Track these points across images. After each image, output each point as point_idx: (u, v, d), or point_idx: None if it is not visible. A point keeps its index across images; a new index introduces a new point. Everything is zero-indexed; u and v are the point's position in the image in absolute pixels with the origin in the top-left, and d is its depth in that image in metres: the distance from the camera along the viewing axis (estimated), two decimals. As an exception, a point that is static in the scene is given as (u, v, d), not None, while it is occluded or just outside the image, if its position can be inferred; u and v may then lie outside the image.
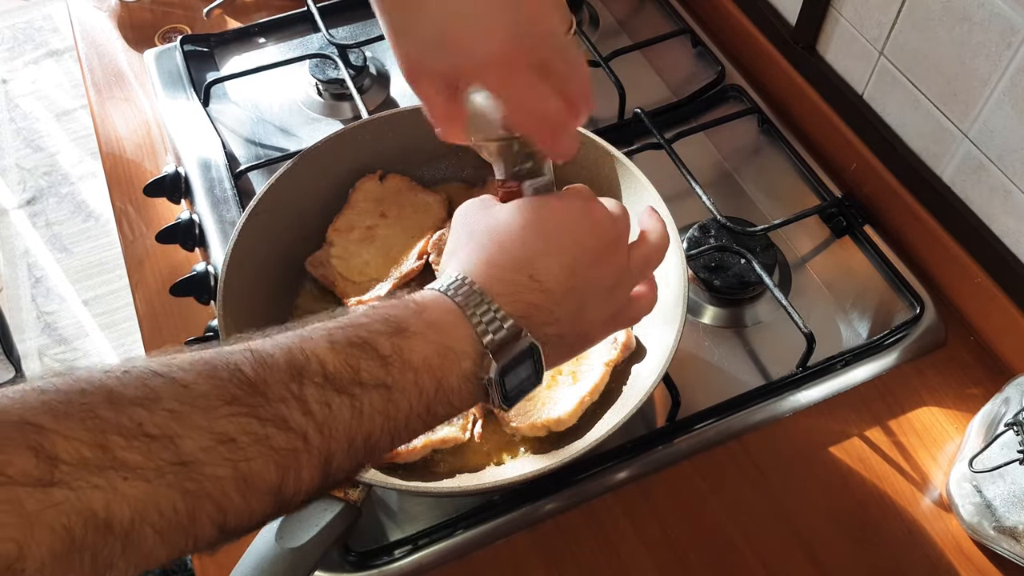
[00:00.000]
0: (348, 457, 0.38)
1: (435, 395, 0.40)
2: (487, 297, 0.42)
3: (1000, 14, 0.63)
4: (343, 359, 0.37)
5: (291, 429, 0.35)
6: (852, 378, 0.72)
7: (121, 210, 0.88)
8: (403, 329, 0.40)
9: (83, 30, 1.04)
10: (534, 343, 0.43)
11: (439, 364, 0.40)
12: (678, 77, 0.96)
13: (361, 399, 0.37)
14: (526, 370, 0.43)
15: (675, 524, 0.65)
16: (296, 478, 0.36)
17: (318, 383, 0.36)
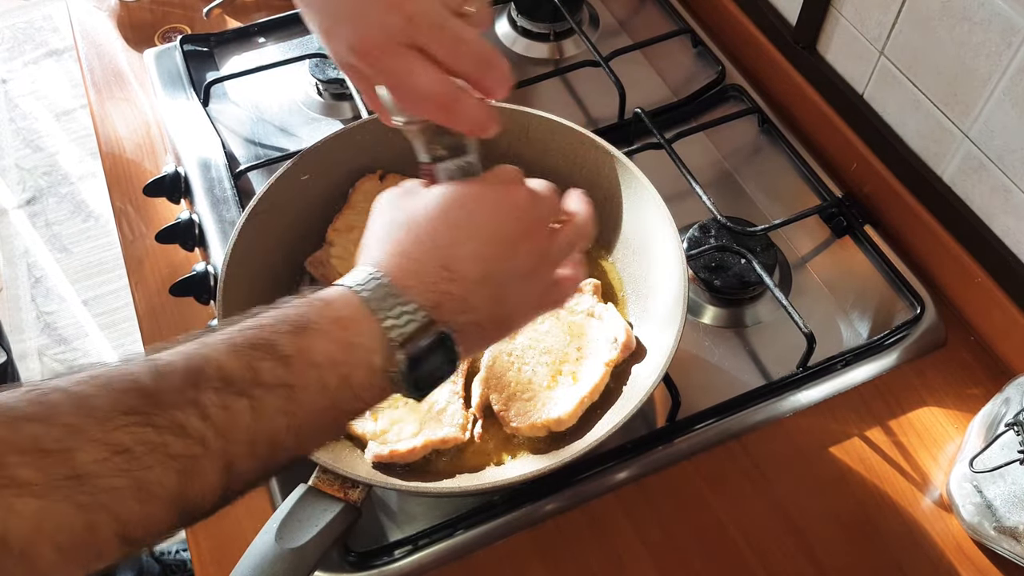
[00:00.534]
0: (251, 459, 0.37)
1: (341, 391, 0.40)
2: (395, 289, 0.42)
3: (1000, 14, 0.63)
4: (243, 361, 0.37)
5: (188, 435, 0.35)
6: (852, 378, 0.72)
7: (121, 210, 0.88)
8: (305, 327, 0.39)
9: (83, 30, 1.04)
10: (445, 332, 0.43)
11: (344, 360, 0.40)
12: (678, 77, 0.96)
13: (262, 400, 0.37)
14: (438, 360, 0.43)
15: (675, 524, 0.65)
16: (199, 483, 0.36)
17: (216, 387, 0.36)
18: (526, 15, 1.01)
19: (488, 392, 0.65)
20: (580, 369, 0.65)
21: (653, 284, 0.68)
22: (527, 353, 0.66)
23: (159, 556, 1.42)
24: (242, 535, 0.64)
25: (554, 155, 0.75)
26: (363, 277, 0.43)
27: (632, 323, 0.69)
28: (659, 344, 0.64)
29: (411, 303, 0.42)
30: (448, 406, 0.64)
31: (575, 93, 0.96)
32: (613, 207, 0.72)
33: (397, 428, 0.63)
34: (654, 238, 0.68)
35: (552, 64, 0.99)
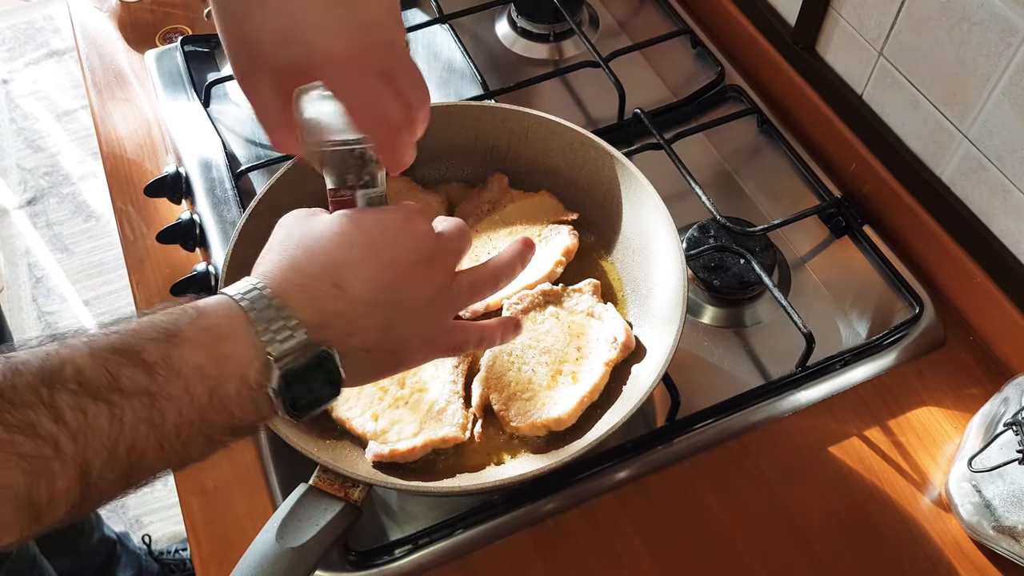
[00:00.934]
0: (110, 466, 0.36)
1: (209, 403, 0.38)
2: (277, 302, 0.41)
3: (999, 14, 0.64)
4: (102, 365, 0.36)
5: (39, 436, 0.34)
6: (851, 378, 0.72)
7: (122, 210, 0.88)
8: (174, 335, 0.38)
9: (84, 31, 1.04)
10: (327, 352, 0.41)
11: (213, 372, 0.38)
12: (678, 77, 0.96)
13: (121, 407, 0.36)
14: (317, 381, 0.41)
15: (675, 524, 0.65)
16: (48, 486, 0.34)
17: (72, 389, 0.35)
18: (526, 16, 1.01)
19: (488, 392, 0.65)
20: (580, 369, 0.65)
21: (653, 284, 0.68)
22: (527, 353, 0.67)
23: (158, 555, 1.42)
24: (243, 534, 0.64)
25: (554, 155, 0.75)
26: (245, 287, 0.42)
27: (632, 323, 0.69)
28: (659, 344, 0.64)
29: (293, 318, 0.41)
30: (448, 406, 0.64)
31: (575, 94, 0.96)
32: (613, 207, 0.73)
33: (397, 428, 0.63)
34: (654, 238, 0.69)
35: (552, 65, 0.99)
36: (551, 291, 0.70)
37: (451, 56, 0.99)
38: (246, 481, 0.68)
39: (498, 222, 0.75)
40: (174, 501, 1.63)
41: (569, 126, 0.73)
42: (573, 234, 0.73)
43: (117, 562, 1.31)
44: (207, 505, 0.67)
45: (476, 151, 0.77)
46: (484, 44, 1.02)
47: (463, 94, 0.94)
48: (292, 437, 0.57)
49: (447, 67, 0.99)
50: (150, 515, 1.60)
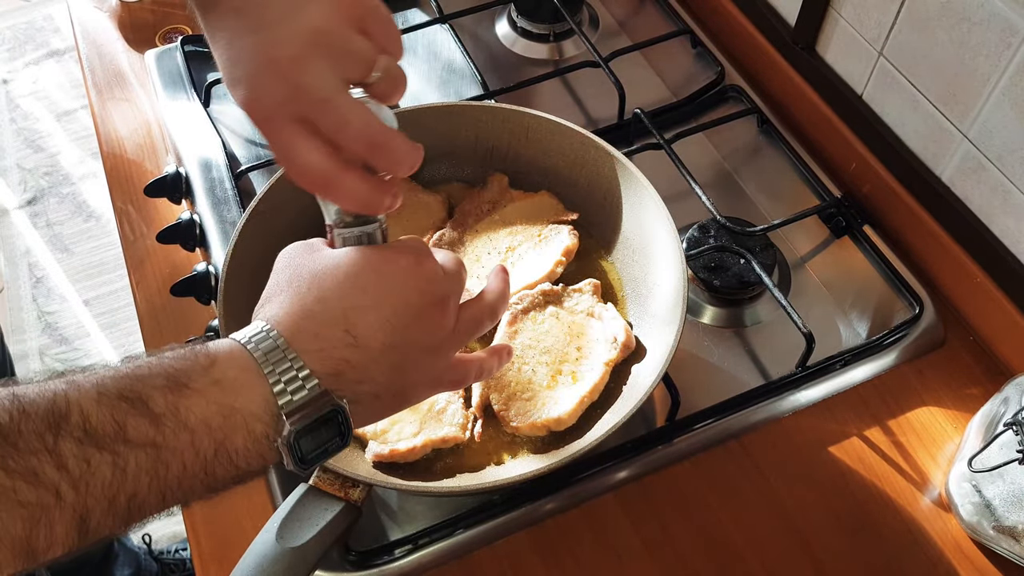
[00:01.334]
0: (109, 515, 0.36)
1: (215, 457, 0.38)
2: (291, 353, 0.40)
3: (999, 14, 0.64)
4: (109, 413, 0.35)
5: (41, 484, 0.33)
6: (851, 378, 0.72)
7: (122, 210, 0.88)
8: (184, 385, 0.37)
9: (84, 30, 1.04)
10: (339, 406, 0.41)
11: (221, 425, 0.38)
12: (678, 77, 0.96)
13: (125, 457, 0.35)
14: (328, 433, 0.41)
15: (675, 524, 0.65)
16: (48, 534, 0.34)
17: (77, 437, 0.34)
18: (526, 16, 1.01)
19: (488, 392, 0.65)
20: (580, 369, 0.66)
21: (653, 284, 0.68)
22: (527, 353, 0.67)
23: (158, 555, 1.42)
24: (243, 534, 0.64)
25: (554, 155, 0.75)
26: (258, 333, 0.40)
27: (632, 323, 0.69)
28: (659, 344, 0.64)
29: (305, 368, 0.40)
30: (448, 406, 0.64)
31: (575, 94, 0.96)
32: (613, 207, 0.73)
33: (397, 428, 0.63)
34: (654, 238, 0.69)
35: (552, 65, 0.99)
36: (551, 291, 0.70)
37: (451, 56, 0.99)
38: (246, 481, 0.68)
39: (498, 222, 0.75)
40: (174, 501, 1.62)
41: (569, 126, 0.73)
42: (573, 234, 0.73)
43: (115, 560, 1.31)
44: (207, 505, 0.67)
45: (476, 151, 0.77)
46: (484, 44, 1.02)
47: (463, 94, 0.94)
48: (292, 437, 0.57)
49: (447, 67, 0.99)
50: (150, 515, 1.60)
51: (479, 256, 0.73)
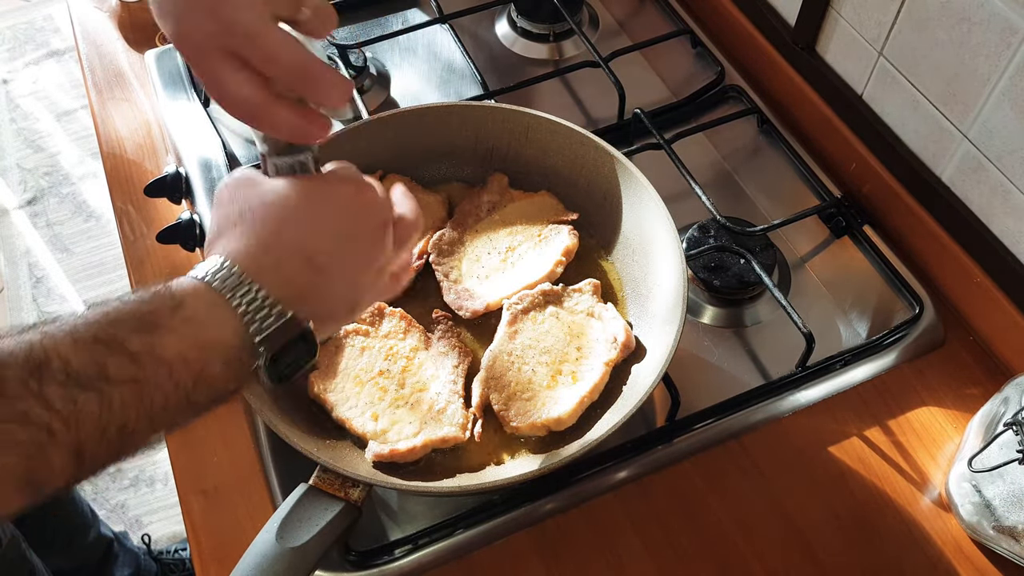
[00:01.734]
0: (102, 446, 0.38)
1: (194, 387, 0.40)
2: (255, 284, 0.42)
3: (999, 14, 0.64)
4: (88, 356, 0.37)
5: (32, 423, 0.35)
6: (851, 378, 0.72)
7: (122, 210, 0.88)
8: (155, 325, 0.39)
9: (84, 30, 1.04)
10: (306, 327, 0.44)
11: (197, 358, 0.40)
12: (678, 77, 0.96)
13: (110, 394, 0.37)
14: (299, 351, 0.44)
15: (675, 524, 0.65)
16: (46, 466, 0.36)
17: (60, 380, 0.36)
18: (526, 16, 1.01)
19: (488, 392, 0.65)
20: (580, 369, 0.65)
21: (653, 284, 0.68)
22: (527, 353, 0.67)
23: (157, 555, 1.42)
24: (243, 534, 0.64)
25: (554, 155, 0.75)
26: (217, 268, 0.42)
27: (632, 323, 0.69)
28: (659, 344, 0.64)
29: (269, 296, 0.42)
30: (448, 406, 0.64)
31: (575, 94, 0.96)
32: (613, 207, 0.73)
33: (397, 428, 0.63)
34: (654, 238, 0.69)
35: (552, 65, 0.99)
36: (551, 291, 0.70)
37: (451, 56, 0.99)
38: (246, 481, 0.68)
39: (498, 222, 0.75)
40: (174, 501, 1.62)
41: (569, 126, 0.73)
42: (573, 234, 0.73)
43: (114, 561, 1.31)
44: (207, 505, 0.67)
45: (476, 151, 0.77)
46: (484, 44, 1.02)
47: (463, 94, 0.94)
48: (292, 437, 0.57)
49: (447, 67, 0.99)
50: (150, 515, 1.60)
51: (479, 256, 0.73)
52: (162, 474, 1.64)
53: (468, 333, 0.70)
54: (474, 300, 0.70)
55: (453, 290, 0.71)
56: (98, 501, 1.61)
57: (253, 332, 0.41)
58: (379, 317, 0.69)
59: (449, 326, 0.69)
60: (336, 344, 0.67)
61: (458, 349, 0.67)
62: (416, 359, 0.67)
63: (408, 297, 0.72)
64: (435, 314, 0.70)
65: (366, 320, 0.68)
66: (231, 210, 0.46)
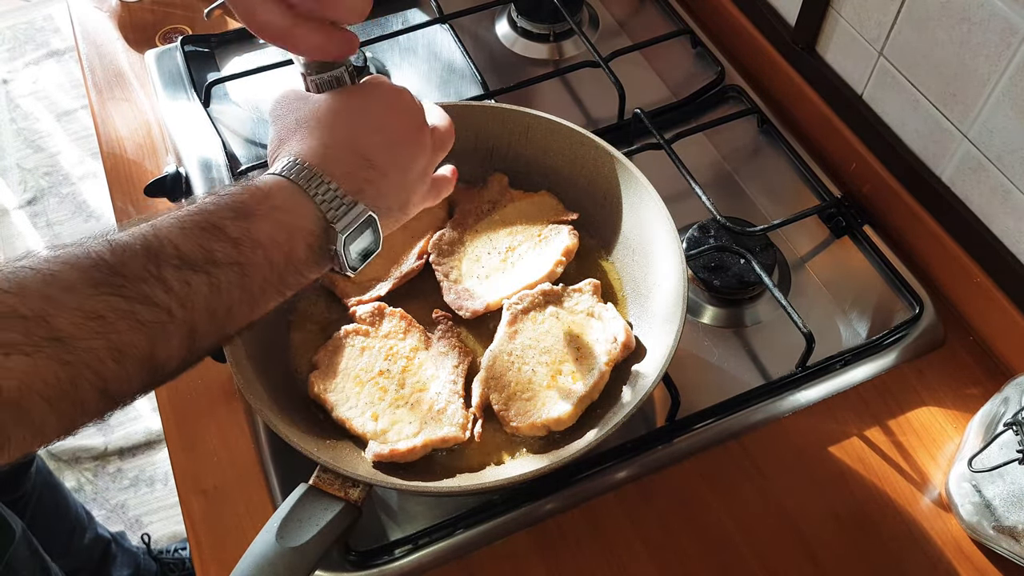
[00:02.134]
0: (211, 326, 0.43)
1: (286, 267, 0.46)
2: (326, 177, 0.47)
3: (1000, 14, 0.64)
4: (196, 242, 0.42)
5: (155, 305, 0.40)
6: (851, 378, 0.72)
7: (122, 210, 0.88)
8: (250, 213, 0.44)
9: (84, 30, 1.04)
10: (372, 213, 0.49)
11: (286, 240, 0.45)
12: (678, 77, 0.96)
13: (217, 276, 0.42)
14: (367, 238, 0.49)
15: (675, 524, 0.65)
16: (166, 346, 0.41)
17: (175, 264, 0.41)
18: (526, 16, 1.01)
19: (488, 392, 0.65)
20: (580, 369, 0.65)
21: (653, 284, 0.68)
22: (527, 353, 0.67)
23: (157, 555, 1.42)
24: (243, 534, 0.65)
25: (554, 155, 0.75)
26: (291, 165, 0.47)
27: (632, 323, 0.69)
28: (659, 344, 0.64)
29: (339, 188, 0.47)
30: (448, 406, 0.64)
31: (575, 93, 0.96)
32: (613, 207, 0.73)
33: (397, 428, 0.63)
34: (654, 238, 0.69)
35: (552, 65, 0.99)
36: (551, 291, 0.70)
37: (451, 56, 0.99)
38: (246, 481, 0.68)
39: (498, 222, 0.75)
40: (174, 501, 1.62)
41: (569, 126, 0.73)
42: (573, 234, 0.73)
43: (112, 561, 1.31)
44: (207, 505, 0.67)
45: (476, 151, 0.77)
46: (484, 44, 1.02)
47: (463, 94, 0.94)
48: (292, 437, 0.57)
49: (447, 67, 0.99)
50: (150, 515, 1.60)
51: (479, 256, 0.73)
52: (162, 474, 1.64)
53: (468, 333, 0.70)
54: (474, 300, 0.70)
55: (453, 290, 0.71)
56: (98, 501, 1.61)
57: (331, 218, 0.47)
58: (379, 317, 0.69)
59: (449, 326, 0.69)
60: (336, 344, 0.67)
61: (458, 349, 0.67)
62: (416, 359, 0.67)
63: (408, 297, 0.72)
64: (435, 314, 0.70)
65: (366, 320, 0.68)
66: (288, 121, 0.52)
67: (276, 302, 0.47)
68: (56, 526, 1.19)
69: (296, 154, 0.48)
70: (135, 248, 0.40)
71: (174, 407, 0.72)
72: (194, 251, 0.42)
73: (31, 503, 1.14)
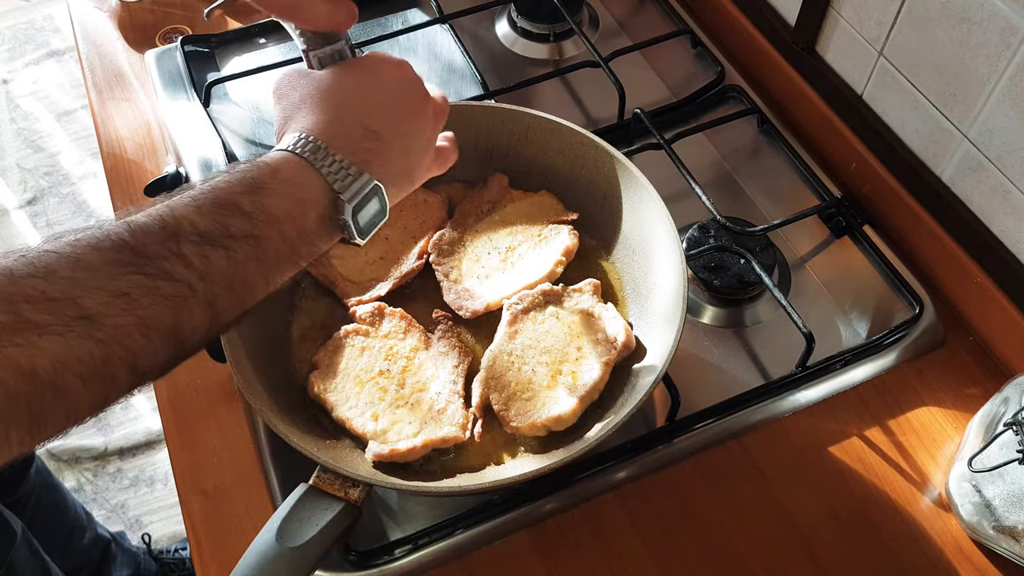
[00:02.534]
0: (230, 298, 0.44)
1: (298, 238, 0.47)
2: (331, 150, 0.49)
3: (999, 14, 0.64)
4: (212, 218, 0.43)
5: (176, 280, 0.41)
6: (851, 378, 0.72)
7: (122, 210, 0.88)
8: (261, 187, 0.46)
9: (84, 30, 1.04)
10: (378, 183, 0.50)
11: (297, 213, 0.47)
12: (678, 77, 0.96)
13: (235, 249, 0.44)
14: (374, 207, 0.51)
15: (675, 524, 0.65)
16: (189, 319, 0.42)
17: (194, 240, 0.42)
18: (526, 16, 1.01)
19: (488, 392, 0.65)
20: (580, 369, 0.65)
21: (653, 284, 0.68)
22: (527, 353, 0.67)
23: (157, 555, 1.42)
24: (243, 534, 0.65)
25: (554, 155, 0.75)
26: (299, 141, 0.49)
27: (632, 323, 0.69)
28: (659, 344, 0.64)
29: (344, 160, 0.49)
30: (448, 406, 0.64)
31: (575, 93, 0.96)
32: (613, 207, 0.73)
33: (397, 428, 0.63)
34: (654, 238, 0.69)
35: (552, 65, 0.99)
36: (551, 291, 0.70)
37: (451, 56, 0.99)
38: (246, 481, 0.68)
39: (498, 222, 0.75)
40: (174, 501, 1.62)
41: (569, 126, 0.73)
42: (573, 234, 0.73)
43: (112, 561, 1.31)
44: (207, 505, 0.67)
45: (476, 151, 0.77)
46: (484, 44, 1.02)
47: (463, 94, 0.94)
48: (292, 437, 0.57)
49: (447, 67, 0.99)
50: (150, 515, 1.60)
51: (479, 256, 0.73)
52: (162, 474, 1.64)
53: (468, 333, 0.70)
54: (474, 300, 0.70)
55: (453, 290, 0.71)
56: (98, 501, 1.61)
57: (338, 189, 0.48)
58: (379, 317, 0.69)
59: (449, 326, 0.69)
60: (336, 344, 0.67)
61: (458, 349, 0.67)
62: (416, 359, 0.67)
63: (408, 297, 0.72)
64: (435, 314, 0.70)
65: (366, 320, 0.68)
66: (293, 98, 0.53)
67: (290, 273, 0.49)
68: (56, 526, 1.19)
69: (302, 129, 0.50)
70: (153, 228, 0.42)
71: (174, 407, 0.72)
72: (211, 227, 0.43)
73: (30, 504, 1.14)
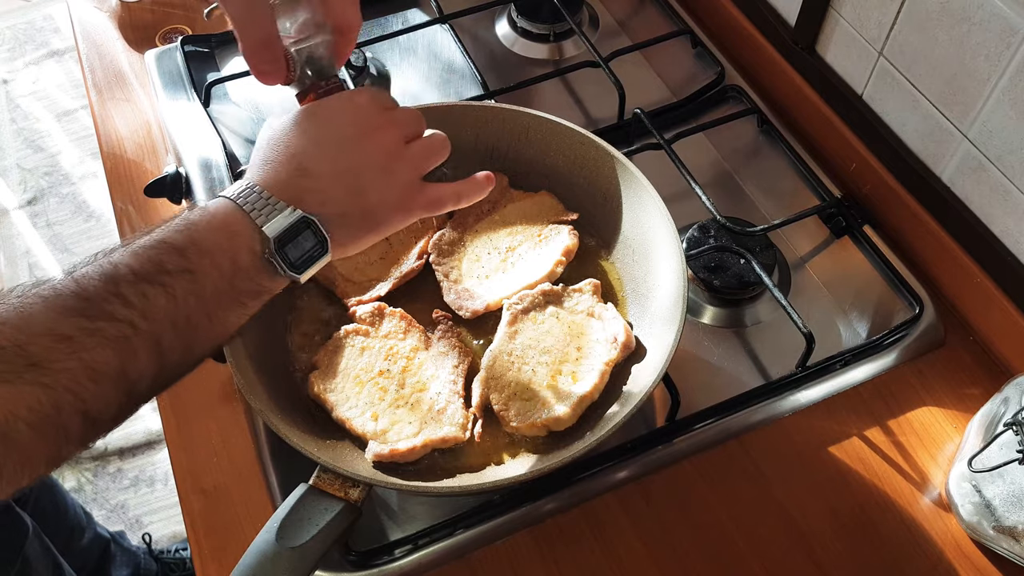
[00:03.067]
0: (175, 338, 0.45)
1: (234, 273, 0.48)
2: (263, 192, 0.50)
3: (999, 14, 0.64)
4: (147, 258, 0.45)
5: (118, 319, 0.43)
6: (851, 378, 0.72)
7: (122, 210, 0.88)
8: (193, 227, 0.48)
9: (84, 30, 1.04)
10: (306, 216, 0.50)
11: (229, 246, 0.48)
12: (678, 77, 0.96)
13: (172, 286, 0.45)
14: (308, 241, 0.51)
15: (675, 524, 0.65)
16: (135, 361, 0.43)
17: (130, 280, 0.44)
18: (526, 16, 1.01)
19: (488, 392, 0.65)
20: (580, 369, 0.65)
21: (653, 284, 0.68)
22: (527, 353, 0.67)
23: (158, 555, 1.42)
24: (243, 534, 0.65)
25: (554, 155, 0.75)
26: (239, 188, 0.51)
27: (632, 323, 0.69)
28: (659, 344, 0.64)
29: (272, 197, 0.50)
30: (448, 405, 0.64)
31: (575, 94, 0.96)
32: (613, 207, 0.73)
33: (397, 427, 0.63)
34: (654, 238, 0.69)
35: (552, 65, 0.99)
36: (551, 291, 0.70)
37: (451, 56, 0.99)
38: (246, 481, 0.68)
39: (498, 222, 0.75)
40: (174, 501, 1.62)
41: (569, 126, 0.73)
42: (573, 234, 0.73)
43: (112, 561, 1.31)
44: (207, 505, 0.67)
45: (476, 151, 0.77)
46: (484, 44, 1.02)
47: (463, 94, 0.94)
48: (292, 437, 0.57)
49: (447, 67, 0.99)
50: (150, 515, 1.60)
51: (479, 256, 0.73)
52: (162, 474, 1.64)
53: (468, 333, 0.70)
54: (474, 300, 0.70)
55: (453, 290, 0.71)
56: (98, 501, 1.61)
57: (259, 222, 0.49)
58: (379, 317, 0.69)
59: (449, 326, 0.69)
60: (336, 344, 0.67)
61: (458, 349, 0.67)
62: (416, 359, 0.67)
63: (408, 297, 0.72)
64: (435, 314, 0.70)
65: (366, 320, 0.68)
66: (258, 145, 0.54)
67: (236, 312, 0.49)
68: (55, 526, 1.19)
69: (248, 178, 0.52)
70: (94, 275, 0.44)
71: (174, 407, 0.72)
72: (145, 265, 0.45)
73: (29, 504, 1.14)
